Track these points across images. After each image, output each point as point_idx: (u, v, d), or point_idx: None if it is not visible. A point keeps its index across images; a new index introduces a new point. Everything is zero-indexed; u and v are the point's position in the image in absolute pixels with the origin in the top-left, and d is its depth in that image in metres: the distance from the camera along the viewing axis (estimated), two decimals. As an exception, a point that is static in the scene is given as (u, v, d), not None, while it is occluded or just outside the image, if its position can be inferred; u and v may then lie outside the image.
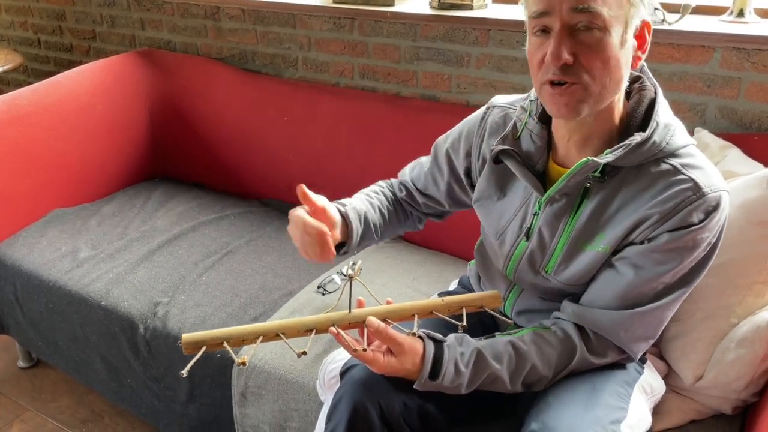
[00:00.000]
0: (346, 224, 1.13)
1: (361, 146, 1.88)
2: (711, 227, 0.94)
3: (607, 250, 0.99)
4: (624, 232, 0.97)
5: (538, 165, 1.05)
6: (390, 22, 1.86)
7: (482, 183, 1.14)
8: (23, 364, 1.99)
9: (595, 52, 0.89)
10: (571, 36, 0.89)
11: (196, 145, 2.20)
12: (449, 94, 1.85)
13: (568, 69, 0.90)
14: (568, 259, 1.03)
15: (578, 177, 0.98)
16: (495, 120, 1.14)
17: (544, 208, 1.04)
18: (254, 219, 1.95)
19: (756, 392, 1.17)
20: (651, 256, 0.95)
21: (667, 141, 0.95)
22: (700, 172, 0.94)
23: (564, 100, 0.92)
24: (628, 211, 0.96)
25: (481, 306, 1.03)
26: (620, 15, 0.89)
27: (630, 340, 1.01)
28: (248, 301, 1.55)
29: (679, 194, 0.93)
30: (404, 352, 0.95)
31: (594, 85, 0.91)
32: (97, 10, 2.46)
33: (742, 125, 1.50)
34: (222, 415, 1.47)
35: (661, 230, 0.94)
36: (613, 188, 0.98)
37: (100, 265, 1.71)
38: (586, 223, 1.00)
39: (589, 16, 0.87)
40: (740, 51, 1.45)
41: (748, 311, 1.16)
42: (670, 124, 0.97)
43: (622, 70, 0.92)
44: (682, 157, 0.96)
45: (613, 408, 0.97)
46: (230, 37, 2.18)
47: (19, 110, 1.87)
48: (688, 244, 0.94)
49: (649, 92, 0.99)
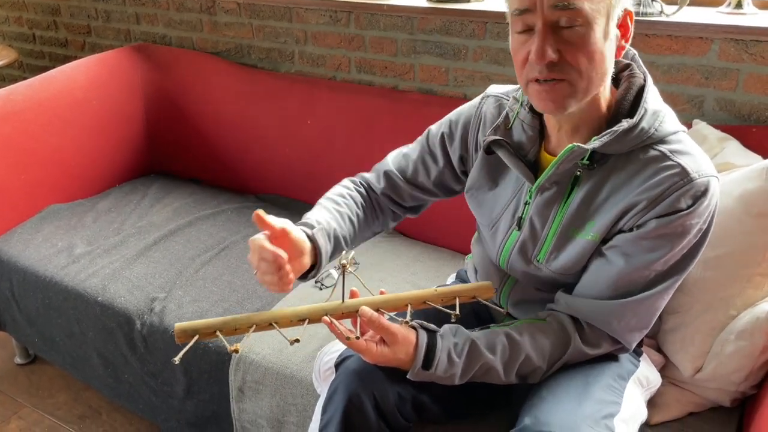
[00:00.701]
0: (314, 247, 1.04)
1: (358, 140, 1.87)
2: (700, 213, 0.93)
3: (597, 238, 0.99)
4: (613, 219, 0.97)
5: (529, 155, 1.05)
6: (387, 15, 1.85)
7: (474, 173, 1.14)
8: (20, 360, 1.99)
9: (579, 47, 0.89)
10: (554, 33, 0.89)
11: (192, 141, 2.19)
12: (446, 88, 1.85)
13: (554, 66, 0.90)
14: (559, 247, 1.03)
15: (566, 164, 0.98)
16: (490, 110, 1.13)
17: (535, 197, 1.04)
18: (251, 214, 1.90)
19: (755, 384, 1.17)
20: (640, 243, 0.95)
21: (656, 127, 0.95)
22: (688, 157, 0.94)
23: (551, 97, 0.92)
24: (617, 198, 0.96)
25: (474, 296, 1.02)
26: (602, 8, 0.89)
27: (623, 329, 1.01)
28: (245, 297, 1.55)
29: (667, 180, 0.92)
30: (397, 342, 0.95)
31: (581, 81, 0.91)
32: (92, 5, 2.45)
33: (740, 117, 1.50)
34: (219, 411, 1.47)
35: (649, 216, 0.94)
36: (602, 176, 0.98)
37: (97, 261, 1.70)
38: (577, 211, 1.00)
39: (571, 13, 0.87)
40: (738, 42, 1.45)
41: (747, 303, 1.15)
42: (659, 111, 0.96)
43: (606, 62, 0.92)
44: (670, 144, 0.95)
45: (607, 402, 0.97)
46: (226, 32, 2.17)
47: (13, 106, 1.86)
48: (677, 230, 0.93)
49: (638, 80, 0.99)
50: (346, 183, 1.24)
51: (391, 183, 1.23)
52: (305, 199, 2.01)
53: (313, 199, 1.96)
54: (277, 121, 2.00)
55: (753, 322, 1.12)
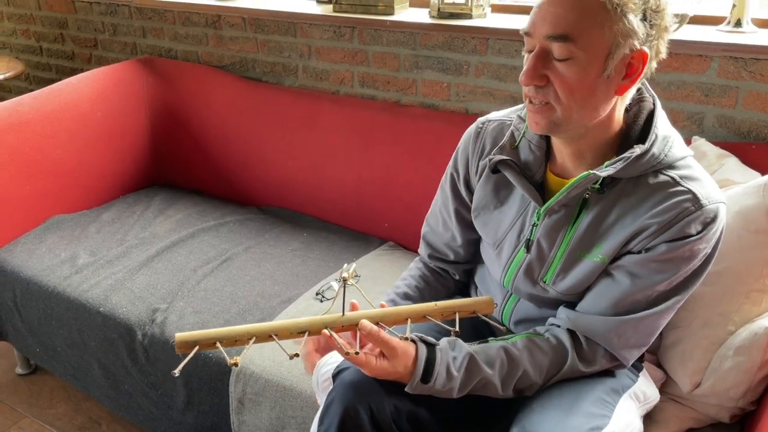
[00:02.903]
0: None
1: (360, 154, 1.88)
2: (708, 238, 0.95)
3: (605, 261, 1.00)
4: (622, 242, 0.98)
5: (536, 175, 1.06)
6: (390, 31, 1.87)
7: (479, 192, 1.15)
8: (21, 371, 1.99)
9: (563, 79, 0.91)
10: (545, 59, 0.92)
11: (195, 153, 2.20)
12: (448, 103, 1.86)
13: (539, 90, 0.93)
14: (566, 269, 1.03)
15: (578, 189, 0.99)
16: (491, 134, 1.15)
17: (543, 219, 1.04)
18: (253, 226, 1.95)
19: (754, 400, 1.16)
20: (648, 265, 0.96)
21: (666, 153, 0.96)
22: (698, 183, 0.95)
23: (536, 119, 0.96)
24: (625, 222, 0.97)
25: (474, 311, 1.03)
26: (600, 44, 0.89)
27: (623, 346, 1.01)
28: (247, 308, 1.55)
29: (678, 205, 0.94)
30: (396, 356, 0.96)
31: (562, 110, 0.93)
32: (99, 19, 2.48)
33: (739, 134, 1.51)
34: (219, 423, 1.47)
35: (659, 240, 0.95)
36: (611, 199, 0.99)
37: (99, 272, 1.71)
38: (584, 234, 1.01)
39: (563, 46, 0.89)
40: (737, 60, 1.46)
41: (746, 319, 1.16)
42: (668, 136, 0.98)
43: (597, 98, 0.93)
44: (680, 169, 0.97)
45: (595, 416, 0.98)
46: (231, 45, 2.20)
47: (19, 117, 1.88)
48: (684, 254, 0.95)
49: (647, 104, 1.00)
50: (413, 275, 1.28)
51: (428, 242, 1.28)
52: (307, 211, 2.02)
53: (315, 212, 2.00)
54: (281, 134, 2.02)
55: (751, 338, 1.12)
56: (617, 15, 0.88)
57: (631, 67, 0.93)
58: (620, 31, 0.89)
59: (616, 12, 0.88)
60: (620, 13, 0.88)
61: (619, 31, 0.89)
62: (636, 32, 0.90)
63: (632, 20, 0.89)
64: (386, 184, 1.85)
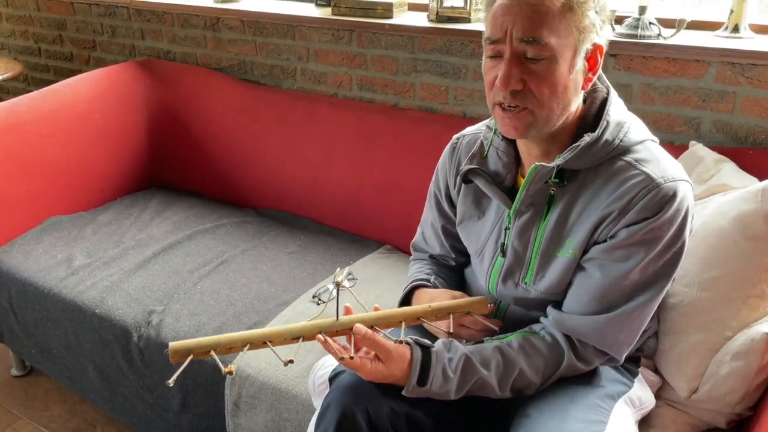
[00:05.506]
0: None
1: (358, 157, 1.88)
2: (669, 218, 0.94)
3: (576, 254, 1.00)
4: (588, 233, 0.98)
5: (506, 181, 1.08)
6: (388, 35, 1.87)
7: (461, 206, 1.17)
8: (16, 372, 1.98)
9: (543, 79, 0.92)
10: (520, 63, 0.93)
11: (193, 155, 2.20)
12: (446, 106, 1.86)
13: (517, 94, 0.94)
14: (543, 267, 1.04)
15: (536, 184, 1.00)
16: (464, 148, 1.17)
17: (513, 222, 1.06)
18: (250, 228, 1.95)
19: (750, 406, 1.16)
20: (613, 253, 0.97)
21: (621, 138, 0.97)
22: (653, 164, 0.96)
23: (513, 124, 0.96)
24: (589, 212, 0.98)
25: (468, 312, 1.03)
26: (569, 43, 0.92)
27: (613, 343, 1.02)
28: (243, 311, 1.55)
29: (633, 188, 0.94)
30: (392, 359, 0.96)
31: (542, 111, 0.94)
32: (98, 20, 2.48)
33: (737, 139, 1.51)
34: (215, 425, 1.46)
35: (620, 226, 0.96)
36: (574, 192, 1.00)
37: (95, 273, 1.70)
38: (554, 230, 1.02)
39: (538, 47, 0.91)
40: (735, 66, 1.46)
41: (743, 324, 1.16)
42: (623, 122, 0.98)
43: (569, 93, 0.95)
44: (637, 153, 0.97)
45: (591, 422, 0.98)
46: (229, 48, 2.20)
47: (17, 117, 1.88)
48: (647, 237, 0.94)
49: (600, 93, 1.02)
50: (422, 269, 1.28)
51: (424, 249, 1.31)
52: (305, 214, 2.02)
53: (312, 215, 2.00)
54: (278, 136, 2.02)
55: (748, 344, 1.12)
56: (581, 12, 0.92)
57: (593, 60, 0.96)
58: (584, 27, 0.93)
59: (581, 8, 0.92)
60: (583, 9, 0.92)
61: (583, 28, 0.93)
62: (595, 27, 0.94)
63: (591, 16, 0.93)
64: (384, 187, 1.85)
